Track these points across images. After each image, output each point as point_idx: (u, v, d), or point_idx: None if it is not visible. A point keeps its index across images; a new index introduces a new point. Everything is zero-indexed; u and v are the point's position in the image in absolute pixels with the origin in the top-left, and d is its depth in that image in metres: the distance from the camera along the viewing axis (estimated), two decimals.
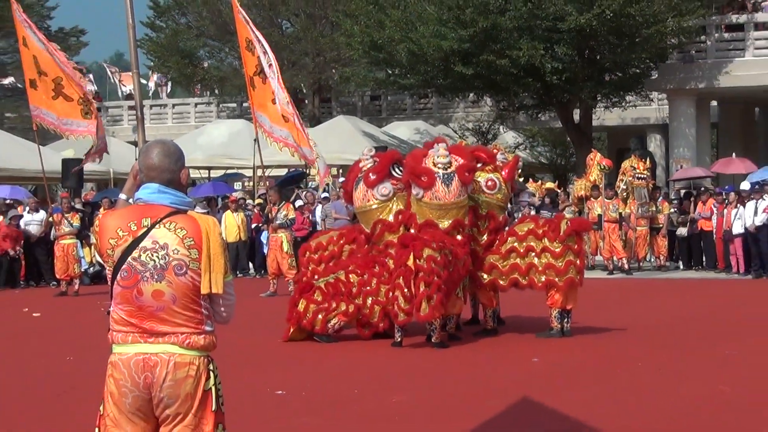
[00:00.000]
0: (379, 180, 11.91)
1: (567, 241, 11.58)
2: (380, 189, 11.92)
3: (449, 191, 11.29)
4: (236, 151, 29.85)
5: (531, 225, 11.89)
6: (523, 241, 11.69)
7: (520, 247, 11.67)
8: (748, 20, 28.44)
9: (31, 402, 8.72)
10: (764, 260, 20.11)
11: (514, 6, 25.86)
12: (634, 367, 9.98)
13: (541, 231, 11.65)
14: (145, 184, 4.16)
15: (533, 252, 11.62)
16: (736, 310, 14.80)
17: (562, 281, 11.54)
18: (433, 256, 10.65)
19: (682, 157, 28.37)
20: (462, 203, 11.47)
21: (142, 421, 4.04)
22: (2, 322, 15.21)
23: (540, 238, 11.63)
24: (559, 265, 11.53)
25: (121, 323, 4.05)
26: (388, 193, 11.90)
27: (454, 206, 11.39)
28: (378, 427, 7.56)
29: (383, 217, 11.81)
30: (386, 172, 11.96)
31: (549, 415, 7.66)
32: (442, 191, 11.29)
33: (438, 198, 11.33)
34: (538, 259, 11.60)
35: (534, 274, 11.63)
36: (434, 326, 11.03)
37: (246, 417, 7.13)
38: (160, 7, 40.98)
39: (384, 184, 11.92)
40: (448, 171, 11.31)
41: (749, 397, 8.36)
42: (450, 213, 11.39)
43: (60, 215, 19.25)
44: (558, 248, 11.55)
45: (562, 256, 11.55)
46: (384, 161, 12.09)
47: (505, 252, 11.72)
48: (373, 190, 11.91)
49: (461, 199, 11.43)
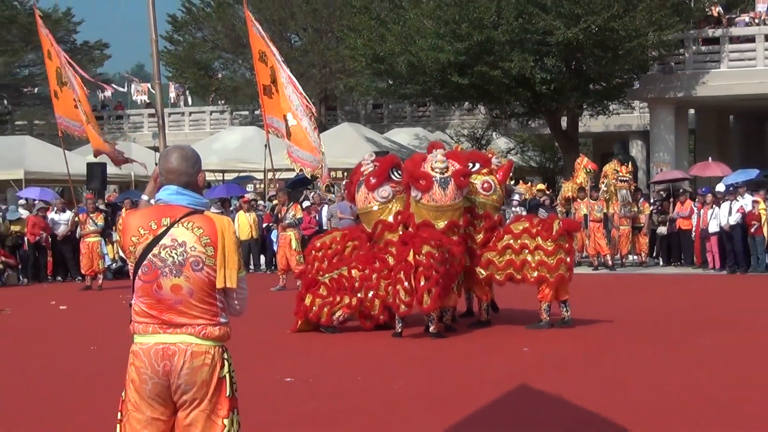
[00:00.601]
0: (378, 183, 11.91)
1: (559, 240, 11.57)
2: (380, 192, 11.91)
3: (445, 194, 11.30)
4: (248, 155, 29.82)
5: (526, 224, 11.86)
6: (518, 238, 11.66)
7: (515, 245, 11.64)
8: (723, 34, 28.42)
9: (58, 387, 8.72)
10: (738, 257, 20.10)
11: (506, 21, 25.85)
12: (618, 357, 9.98)
13: (535, 230, 11.63)
14: (164, 186, 4.16)
15: (527, 249, 11.59)
16: (712, 304, 14.79)
17: (552, 277, 11.53)
18: (432, 253, 10.70)
19: (661, 161, 28.35)
20: (457, 205, 11.46)
21: (161, 406, 4.03)
22: (32, 313, 15.22)
23: (534, 237, 11.60)
24: (550, 262, 11.51)
25: (142, 315, 4.05)
26: (388, 195, 11.89)
27: (449, 208, 11.39)
28: (380, 412, 7.55)
29: (383, 217, 11.81)
30: (385, 175, 11.95)
31: (539, 401, 7.65)
32: (438, 194, 11.30)
33: (435, 200, 11.33)
34: (532, 256, 11.57)
35: (527, 269, 11.60)
36: (432, 317, 11.04)
37: (257, 403, 7.12)
38: (178, 22, 41.06)
39: (384, 187, 11.91)
40: (445, 175, 11.33)
41: (723, 383, 8.39)
42: (446, 214, 11.38)
43: (85, 215, 19.24)
44: (551, 246, 11.53)
45: (553, 254, 11.52)
46: (383, 166, 12.08)
47: (501, 249, 11.69)
48: (374, 193, 11.91)
49: (456, 201, 11.43)
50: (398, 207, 11.79)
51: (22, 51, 42.14)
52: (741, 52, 28.21)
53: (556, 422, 7.01)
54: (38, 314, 15.04)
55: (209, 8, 39.75)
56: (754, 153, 33.84)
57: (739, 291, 16.88)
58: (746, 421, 6.96)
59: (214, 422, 4.02)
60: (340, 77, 36.29)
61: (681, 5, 27.85)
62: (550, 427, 6.92)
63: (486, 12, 25.82)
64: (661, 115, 29.04)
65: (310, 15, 36.15)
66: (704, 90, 28.08)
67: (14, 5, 43.95)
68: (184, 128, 42.15)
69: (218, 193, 25.74)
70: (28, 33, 41.40)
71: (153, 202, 4.31)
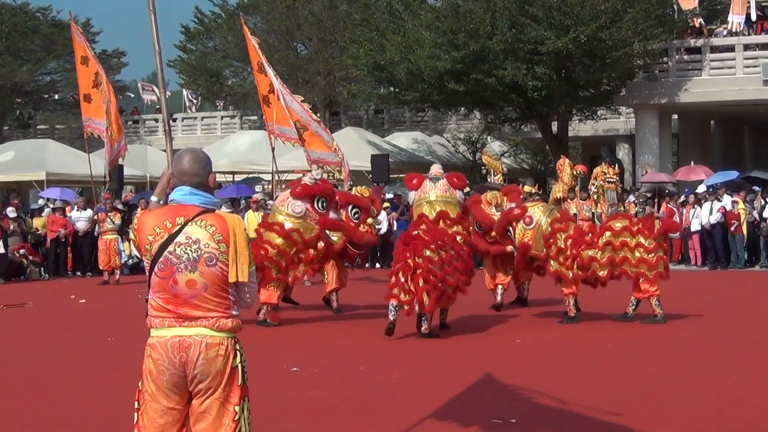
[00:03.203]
0: (297, 196, 11.64)
1: (659, 239, 11.45)
2: (295, 205, 11.65)
3: (436, 186, 11.28)
4: (257, 157, 29.79)
5: (625, 222, 11.67)
6: (618, 236, 11.44)
7: (615, 241, 11.41)
8: (704, 44, 28.41)
9: (78, 375, 8.73)
10: (718, 254, 20.12)
11: (500, 31, 25.86)
12: (604, 347, 10.00)
13: (636, 228, 11.43)
14: (177, 187, 4.16)
15: (627, 246, 11.39)
16: (694, 297, 14.78)
17: (651, 274, 11.38)
18: (431, 257, 10.36)
19: (646, 163, 28.38)
20: (447, 198, 11.30)
21: (176, 395, 4.04)
22: (52, 306, 15.22)
23: (634, 235, 11.39)
24: (651, 259, 11.35)
25: (158, 309, 4.05)
26: (300, 212, 11.58)
27: (440, 199, 11.25)
28: (380, 398, 7.56)
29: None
30: (309, 195, 11.60)
31: (532, 387, 7.65)
32: (428, 186, 11.30)
33: (425, 192, 11.31)
34: (632, 253, 11.37)
35: (627, 266, 11.41)
36: (426, 317, 10.60)
37: (266, 390, 7.13)
38: (190, 33, 41.07)
39: (298, 203, 11.62)
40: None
41: (704, 372, 8.39)
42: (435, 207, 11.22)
43: (104, 214, 19.26)
44: (651, 244, 11.36)
45: (654, 252, 11.37)
46: (315, 189, 11.71)
47: (602, 245, 11.44)
48: (292, 200, 11.65)
49: (447, 194, 11.31)
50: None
51: (44, 59, 42.14)
52: (721, 61, 28.19)
53: (550, 410, 7.02)
54: (59, 307, 15.04)
55: (220, 19, 39.76)
56: (733, 156, 33.82)
57: (719, 285, 16.88)
58: (722, 396, 6.99)
59: (227, 409, 4.02)
60: (343, 84, 36.30)
61: (665, 17, 27.86)
62: (544, 414, 6.93)
63: (481, 23, 25.85)
64: (646, 120, 29.04)
65: (315, 26, 36.13)
66: (687, 96, 28.08)
67: (37, 16, 43.94)
68: (196, 132, 42.14)
69: (228, 193, 25.76)
70: (50, 42, 41.46)
71: (162, 203, 4.32)
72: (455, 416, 6.77)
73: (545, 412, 6.92)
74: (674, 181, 26.47)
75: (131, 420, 4.12)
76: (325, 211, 11.66)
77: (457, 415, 6.79)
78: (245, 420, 4.06)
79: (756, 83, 27.07)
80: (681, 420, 6.64)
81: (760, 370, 8.51)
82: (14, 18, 42.40)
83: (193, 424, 4.06)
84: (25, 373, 8.93)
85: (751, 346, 9.99)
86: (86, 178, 20.33)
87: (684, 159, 31.22)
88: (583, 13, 25.20)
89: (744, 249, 20.05)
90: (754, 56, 27.68)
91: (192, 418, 4.06)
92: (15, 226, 20.25)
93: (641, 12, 25.69)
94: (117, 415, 6.40)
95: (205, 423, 4.02)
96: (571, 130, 31.84)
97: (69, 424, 6.89)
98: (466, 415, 6.80)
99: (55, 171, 27.84)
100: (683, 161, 30.72)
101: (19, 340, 11.28)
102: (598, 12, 25.31)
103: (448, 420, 6.66)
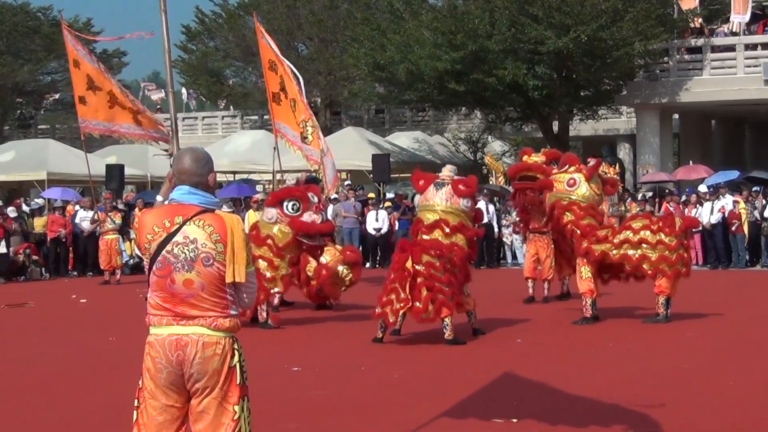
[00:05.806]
0: (267, 204, 11.77)
1: (680, 236, 11.38)
2: (267, 212, 11.66)
3: (438, 194, 10.50)
4: (258, 157, 29.77)
5: (646, 221, 11.60)
6: (637, 234, 11.34)
7: (634, 239, 11.32)
8: (705, 44, 28.41)
9: (79, 374, 8.73)
10: (719, 253, 20.10)
11: (499, 31, 25.84)
12: (606, 347, 9.98)
13: (656, 226, 11.34)
14: (177, 186, 4.16)
15: (646, 244, 11.29)
16: (695, 297, 14.74)
17: (670, 271, 11.29)
18: (432, 262, 10.03)
19: (647, 163, 28.38)
20: (447, 208, 10.47)
21: (175, 393, 4.04)
22: (54, 306, 15.23)
23: (655, 233, 11.30)
24: (671, 257, 11.26)
25: (156, 308, 4.05)
26: (272, 218, 11.53)
27: (439, 208, 10.49)
28: (380, 398, 7.55)
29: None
30: (278, 200, 11.58)
31: (532, 387, 7.64)
32: (431, 193, 10.54)
33: (427, 199, 10.61)
34: (652, 251, 11.27)
35: (645, 264, 11.32)
36: (446, 323, 10.16)
37: (266, 390, 7.12)
38: (191, 32, 41.06)
39: (270, 210, 11.62)
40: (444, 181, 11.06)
41: (704, 372, 8.38)
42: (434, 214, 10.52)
43: (104, 214, 19.25)
44: (673, 242, 11.26)
45: (675, 249, 11.28)
46: (281, 193, 11.75)
47: (618, 243, 11.36)
48: (265, 209, 11.73)
49: (447, 204, 10.49)
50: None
51: (45, 60, 42.17)
52: (722, 61, 28.19)
53: (551, 410, 7.00)
54: (60, 307, 15.04)
55: (221, 19, 39.77)
56: (734, 155, 33.83)
57: (720, 285, 16.86)
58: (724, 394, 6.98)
59: (226, 409, 4.02)
60: (344, 84, 36.28)
61: (665, 16, 27.87)
62: (545, 414, 6.92)
63: (480, 23, 25.84)
64: (646, 120, 29.04)
65: (316, 26, 36.14)
66: (687, 96, 28.08)
67: (38, 16, 43.98)
68: (197, 132, 42.15)
69: (229, 193, 25.72)
70: (51, 42, 41.45)
71: (166, 202, 4.31)
72: (455, 416, 6.76)
73: (546, 412, 6.91)
74: (675, 181, 26.48)
75: (131, 419, 4.12)
76: (298, 213, 11.45)
77: (457, 415, 6.78)
78: (245, 420, 4.05)
79: (757, 83, 27.08)
80: (681, 420, 6.63)
81: (761, 370, 8.50)
82: (15, 18, 42.42)
83: (193, 424, 4.06)
84: (25, 373, 8.92)
85: (752, 346, 9.98)
86: (87, 178, 20.30)
87: (685, 158, 31.22)
88: (583, 13, 25.19)
89: (745, 249, 20.03)
90: (755, 56, 27.69)
91: (191, 418, 4.06)
92: (16, 226, 20.26)
93: (642, 12, 25.70)
94: (117, 415, 6.39)
95: (204, 422, 4.01)
96: (571, 129, 31.85)
97: (69, 424, 6.88)
98: (466, 415, 6.78)
99: (56, 171, 27.84)
100: (684, 161, 30.73)
101: (19, 340, 11.27)
102: (598, 12, 25.31)
103: (448, 420, 6.65)
